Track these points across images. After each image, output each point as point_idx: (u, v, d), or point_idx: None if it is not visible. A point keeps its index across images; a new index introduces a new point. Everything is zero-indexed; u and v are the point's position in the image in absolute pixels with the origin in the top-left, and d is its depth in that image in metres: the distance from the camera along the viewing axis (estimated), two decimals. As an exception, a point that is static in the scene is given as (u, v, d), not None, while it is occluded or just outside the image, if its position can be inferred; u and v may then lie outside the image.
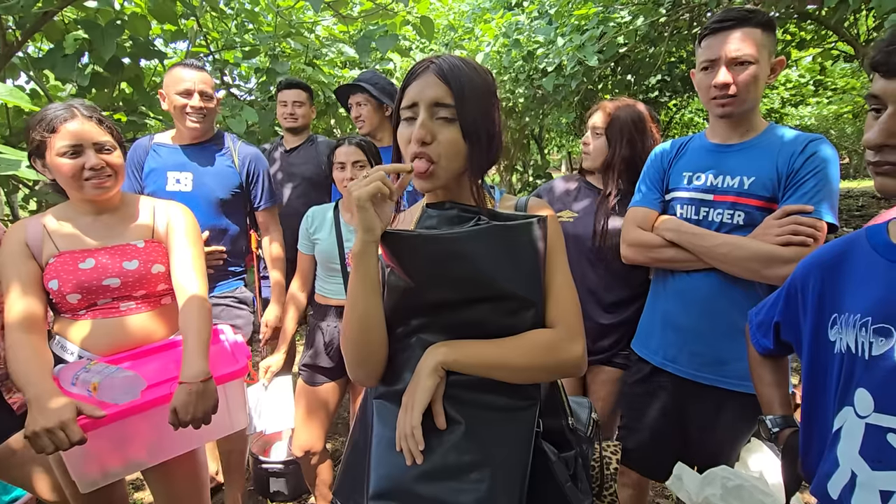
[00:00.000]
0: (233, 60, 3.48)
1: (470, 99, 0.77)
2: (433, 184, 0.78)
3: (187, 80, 1.72)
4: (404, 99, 0.78)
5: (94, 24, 2.31)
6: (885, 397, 0.67)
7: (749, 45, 1.19)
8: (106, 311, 1.26)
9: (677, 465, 1.12)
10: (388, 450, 0.76)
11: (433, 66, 0.77)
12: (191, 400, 1.11)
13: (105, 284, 1.23)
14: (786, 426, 0.93)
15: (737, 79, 1.20)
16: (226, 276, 1.89)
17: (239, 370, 1.27)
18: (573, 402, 0.99)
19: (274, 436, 2.19)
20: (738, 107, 1.24)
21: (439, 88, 0.76)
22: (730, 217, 1.26)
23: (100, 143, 1.22)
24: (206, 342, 1.22)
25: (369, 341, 0.79)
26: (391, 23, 2.89)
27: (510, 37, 4.55)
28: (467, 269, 0.73)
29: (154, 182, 1.79)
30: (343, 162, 1.68)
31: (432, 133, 0.76)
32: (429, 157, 0.76)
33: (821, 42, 5.34)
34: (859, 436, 0.70)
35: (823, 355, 0.78)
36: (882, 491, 0.66)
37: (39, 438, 0.99)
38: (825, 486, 0.74)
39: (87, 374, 1.10)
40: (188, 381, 1.13)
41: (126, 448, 1.19)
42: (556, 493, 0.82)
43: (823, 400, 0.78)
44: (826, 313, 0.78)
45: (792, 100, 9.79)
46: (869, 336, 0.69)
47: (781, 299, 0.91)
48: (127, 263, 1.26)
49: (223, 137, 1.91)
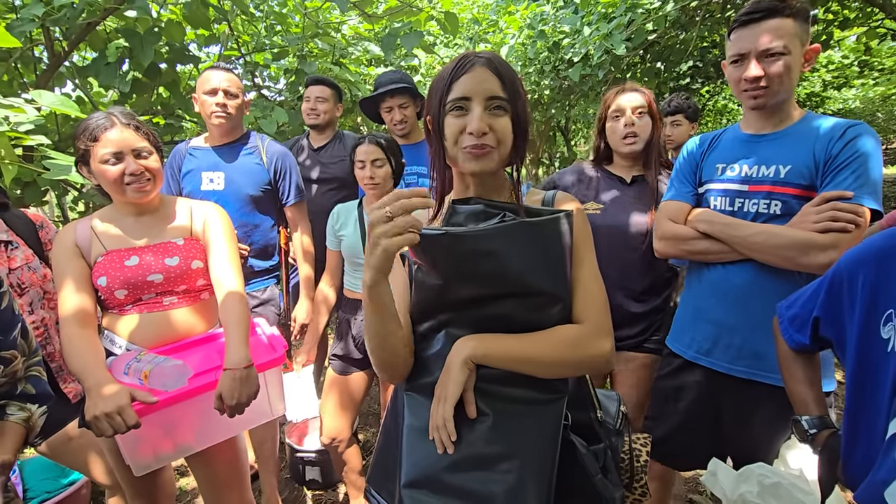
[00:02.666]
0: (262, 62, 3.57)
1: (518, 94, 0.80)
2: (488, 165, 0.80)
3: (213, 80, 1.80)
4: (453, 91, 0.79)
5: (134, 32, 2.41)
6: None
7: (780, 37, 1.16)
8: (150, 305, 1.32)
9: (712, 460, 1.09)
10: (418, 440, 0.78)
11: (482, 59, 0.79)
12: (235, 385, 1.18)
13: (149, 280, 1.30)
14: (823, 427, 0.89)
15: (768, 71, 1.18)
16: (257, 275, 1.96)
17: (278, 358, 1.33)
18: (601, 395, 0.99)
19: (307, 426, 2.26)
20: (771, 98, 1.21)
21: (494, 83, 0.78)
22: (766, 207, 1.22)
23: (138, 149, 1.28)
24: (247, 332, 1.28)
25: (393, 356, 0.81)
26: (416, 19, 2.91)
27: (535, 28, 4.49)
28: (494, 265, 0.74)
29: (190, 183, 1.88)
30: (363, 160, 1.71)
31: (490, 125, 0.78)
32: (489, 146, 0.79)
33: (866, 20, 5.05)
34: None
35: (874, 354, 0.74)
36: None
37: (99, 422, 1.06)
38: (881, 493, 0.70)
39: (139, 363, 1.18)
40: (232, 368, 1.20)
41: (175, 433, 1.26)
42: (586, 484, 0.82)
43: (874, 402, 0.74)
44: (879, 309, 0.74)
45: (835, 82, 9.30)
46: None
47: (823, 292, 0.87)
48: (168, 260, 1.32)
49: (251, 136, 1.98)
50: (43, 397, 1.11)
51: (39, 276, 1.48)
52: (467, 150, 0.79)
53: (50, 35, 2.38)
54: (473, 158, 0.79)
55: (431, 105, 0.83)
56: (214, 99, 1.80)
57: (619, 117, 1.62)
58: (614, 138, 1.64)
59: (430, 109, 0.83)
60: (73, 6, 2.14)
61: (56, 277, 1.28)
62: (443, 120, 0.80)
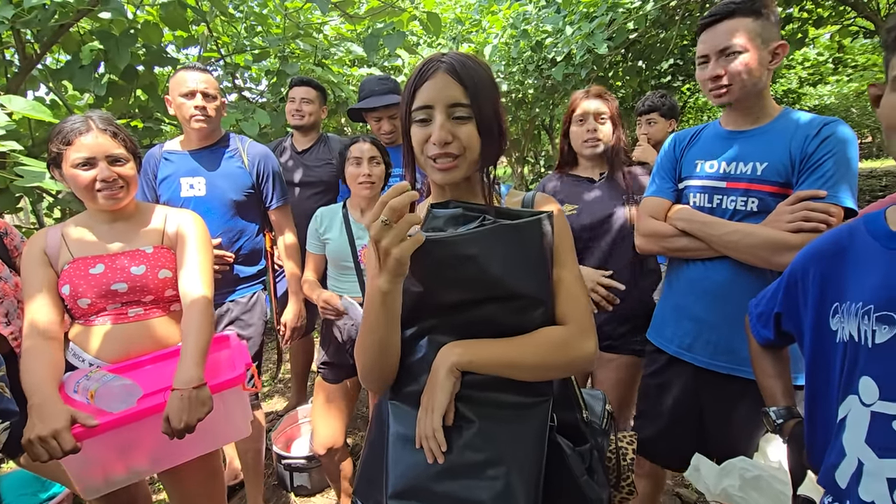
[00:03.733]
0: (243, 63, 3.52)
1: (483, 96, 0.79)
2: (456, 176, 0.80)
3: (189, 81, 1.75)
4: (416, 100, 0.78)
5: (109, 34, 2.36)
6: (891, 385, 0.67)
7: (737, 36, 1.19)
8: (115, 316, 1.28)
9: (695, 456, 1.11)
10: (404, 449, 0.77)
11: (443, 65, 0.77)
12: (183, 407, 1.10)
13: (113, 289, 1.26)
14: (790, 417, 0.92)
15: (727, 69, 1.21)
16: (243, 281, 1.92)
17: (235, 378, 1.25)
18: (587, 395, 1.00)
19: (295, 432, 2.24)
20: (734, 95, 1.24)
21: (454, 89, 0.77)
22: (743, 204, 1.24)
23: (113, 156, 1.25)
24: (203, 348, 1.22)
25: (386, 362, 0.81)
26: (398, 20, 2.89)
27: (518, 27, 4.51)
28: (475, 270, 0.74)
29: (168, 189, 1.83)
30: (359, 157, 1.70)
31: (452, 133, 0.77)
32: (452, 156, 0.78)
33: (839, 18, 5.17)
34: (865, 424, 0.69)
35: (826, 345, 0.77)
36: (889, 479, 0.66)
37: (33, 446, 1.00)
38: (833, 475, 0.74)
39: (88, 381, 1.12)
40: (180, 388, 1.13)
41: (128, 456, 1.19)
42: (572, 486, 0.82)
43: (827, 389, 0.78)
44: (827, 302, 0.77)
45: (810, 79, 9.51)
46: (872, 324, 0.69)
47: (781, 290, 0.91)
48: (135, 268, 1.29)
49: (231, 139, 1.93)
50: (5, 413, 1.05)
51: (11, 285, 1.44)
52: (434, 163, 0.78)
53: (21, 37, 2.31)
54: (439, 172, 0.79)
55: (401, 111, 0.83)
56: (193, 102, 1.75)
57: (582, 122, 1.67)
58: (577, 142, 1.70)
59: (401, 114, 0.83)
60: (45, 7, 2.08)
61: (23, 286, 1.24)
62: (409, 128, 0.80)
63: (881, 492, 0.66)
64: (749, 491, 0.98)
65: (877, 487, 0.67)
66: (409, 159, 0.85)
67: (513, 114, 5.87)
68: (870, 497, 0.68)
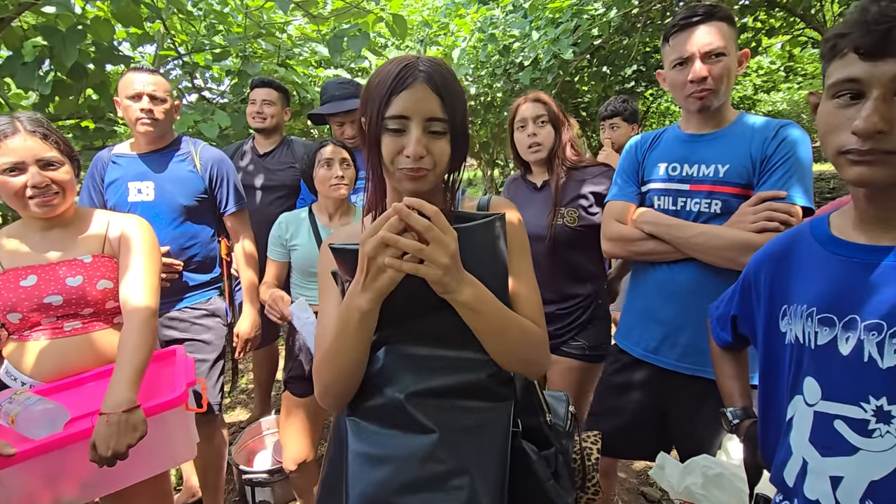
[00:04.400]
0: (203, 63, 3.40)
1: (458, 111, 0.77)
2: (423, 186, 0.78)
3: (136, 83, 1.66)
4: (391, 107, 0.74)
5: (54, 29, 2.23)
6: (831, 385, 0.69)
7: (720, 38, 1.20)
8: (51, 331, 1.20)
9: (660, 454, 1.13)
10: (364, 466, 0.75)
11: (423, 74, 0.75)
12: (111, 433, 1.02)
13: (47, 302, 1.18)
14: (745, 417, 0.94)
15: (712, 71, 1.22)
16: (197, 287, 1.84)
17: (174, 399, 1.16)
18: (549, 398, 0.99)
19: (257, 445, 2.16)
20: (715, 99, 1.25)
21: (433, 102, 0.75)
22: (707, 206, 1.27)
23: (44, 160, 1.17)
24: (139, 367, 1.14)
25: (351, 382, 0.78)
26: (363, 21, 2.85)
27: (486, 31, 4.53)
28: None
29: (115, 194, 1.74)
30: (331, 159, 1.66)
31: (427, 148, 0.75)
32: (424, 169, 0.76)
33: (790, 29, 5.44)
34: (809, 424, 0.71)
35: (776, 346, 0.79)
36: (832, 477, 0.68)
37: None
38: (781, 474, 0.76)
39: (11, 404, 1.04)
40: (108, 412, 1.04)
41: (56, 484, 1.10)
42: (538, 492, 0.82)
43: (777, 390, 0.79)
44: (777, 305, 0.79)
45: (764, 86, 9.97)
46: (814, 326, 0.71)
47: (737, 293, 0.93)
48: (70, 279, 1.20)
49: (183, 142, 1.85)
50: None
51: None
52: (404, 172, 0.76)
53: (-45, 31, 2.16)
54: (409, 180, 0.77)
55: (368, 111, 0.78)
56: (139, 104, 1.66)
57: (523, 128, 1.67)
58: (521, 148, 1.70)
59: (367, 116, 0.79)
60: (-18, 0, 1.95)
61: None
62: (380, 135, 0.77)
63: (825, 490, 0.68)
64: (711, 489, 1.00)
65: (820, 486, 0.69)
66: (375, 164, 0.81)
67: (482, 117, 5.90)
68: (814, 495, 0.70)
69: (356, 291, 0.71)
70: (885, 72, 0.60)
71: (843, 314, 0.68)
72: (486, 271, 0.76)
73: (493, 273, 0.78)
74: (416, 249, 0.65)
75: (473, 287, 0.73)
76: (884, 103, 0.60)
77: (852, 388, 0.66)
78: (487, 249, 0.78)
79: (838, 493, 0.67)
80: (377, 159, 0.79)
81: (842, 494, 0.67)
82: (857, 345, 0.66)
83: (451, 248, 0.67)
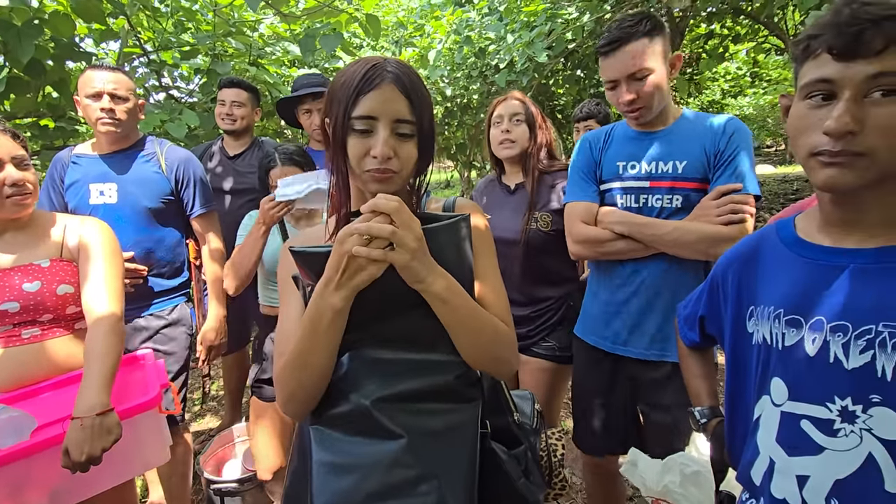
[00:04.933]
0: (171, 61, 3.30)
1: (425, 113, 0.77)
2: (391, 188, 0.77)
3: (96, 81, 1.60)
4: (358, 107, 0.73)
5: (9, 24, 2.13)
6: (798, 386, 0.70)
7: (640, 59, 1.24)
8: (6, 339, 1.15)
9: (631, 450, 1.13)
10: (329, 476, 0.73)
11: (390, 75, 0.73)
12: (84, 437, 0.99)
13: (2, 310, 1.13)
14: (713, 416, 0.96)
15: (640, 92, 1.27)
16: (164, 293, 1.79)
17: (148, 402, 1.15)
18: (516, 397, 0.99)
19: (227, 453, 2.10)
20: (649, 114, 1.31)
21: (401, 104, 0.74)
22: (668, 201, 1.31)
23: (18, 158, 1.13)
24: (110, 370, 1.11)
25: (318, 387, 0.76)
26: (336, 21, 2.81)
27: (461, 34, 4.55)
28: (393, 278, 0.70)
29: (76, 196, 1.67)
30: None
31: (395, 150, 0.74)
32: (391, 172, 0.75)
33: (755, 36, 5.63)
34: (776, 423, 0.72)
35: (743, 347, 0.80)
36: (798, 476, 0.68)
37: None
38: (749, 473, 0.77)
39: None
40: (81, 416, 1.02)
41: (23, 494, 1.07)
42: (511, 491, 0.82)
43: (744, 390, 0.80)
44: (744, 306, 0.80)
45: (731, 91, 10.30)
46: (781, 327, 0.72)
47: (705, 293, 0.94)
48: (27, 285, 1.16)
49: (148, 142, 1.79)
50: None
51: None
52: (370, 173, 0.75)
53: None
54: (376, 181, 0.76)
55: (334, 111, 0.76)
56: (99, 104, 1.60)
57: (498, 124, 1.67)
58: (494, 144, 1.70)
59: (332, 116, 0.77)
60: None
61: None
62: (346, 136, 0.75)
63: (791, 489, 0.69)
64: (688, 486, 1.00)
65: (787, 485, 0.70)
66: (340, 165, 0.79)
67: (458, 119, 5.91)
68: (781, 494, 0.70)
69: (329, 290, 0.70)
70: (856, 73, 0.61)
71: (810, 316, 0.69)
72: (452, 272, 0.76)
73: (459, 274, 0.77)
74: (387, 232, 0.65)
75: (445, 278, 0.73)
76: (854, 104, 0.61)
77: (818, 388, 0.67)
78: (452, 250, 0.78)
79: (805, 492, 0.68)
80: (342, 160, 0.78)
81: (808, 493, 0.67)
82: (824, 346, 0.66)
83: (417, 232, 0.68)
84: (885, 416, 0.62)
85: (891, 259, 0.64)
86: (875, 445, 0.63)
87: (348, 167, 0.78)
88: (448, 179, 14.43)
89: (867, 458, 0.63)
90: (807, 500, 0.67)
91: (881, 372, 0.62)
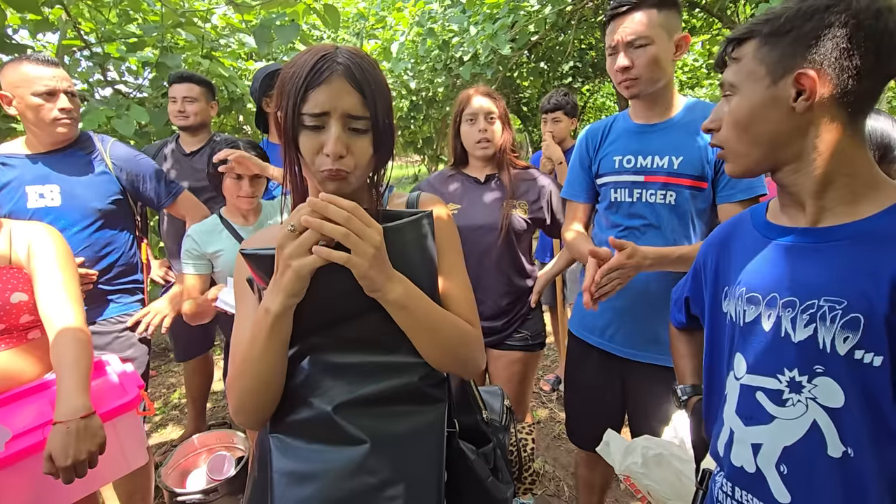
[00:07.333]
0: (117, 54, 3.11)
1: (381, 106, 0.72)
2: (347, 188, 0.73)
3: (46, 78, 1.48)
4: (308, 102, 0.69)
5: (-73, 12, 1.95)
6: (755, 360, 0.74)
7: (643, 27, 1.21)
8: None
9: (607, 431, 1.16)
10: (290, 485, 0.69)
11: (341, 67, 0.69)
12: (70, 441, 0.97)
13: None
14: (694, 394, 0.99)
15: (636, 61, 1.23)
16: (117, 295, 1.69)
17: (129, 402, 1.13)
18: (484, 393, 0.98)
19: (190, 464, 2.02)
20: (644, 87, 1.27)
21: (353, 98, 0.69)
22: (662, 197, 1.30)
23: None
24: (85, 376, 1.07)
25: (270, 395, 0.72)
26: (293, 11, 2.72)
27: (424, 26, 4.49)
28: (350, 280, 0.67)
29: (10, 199, 1.54)
30: (241, 174, 1.58)
31: (347, 147, 0.70)
32: (344, 171, 0.71)
33: (709, 28, 5.80)
34: (735, 396, 0.76)
35: (718, 325, 0.84)
36: (753, 444, 0.73)
37: None
38: (716, 445, 0.81)
39: None
40: (65, 420, 0.98)
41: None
42: (479, 490, 0.81)
43: (719, 366, 0.84)
44: (720, 287, 0.84)
45: (689, 82, 10.62)
46: (744, 305, 0.76)
47: (690, 276, 0.98)
48: None
49: (90, 139, 1.68)
50: None
51: None
52: (324, 174, 0.71)
53: None
54: (330, 181, 0.72)
55: (284, 105, 0.71)
56: (57, 103, 1.49)
57: (473, 121, 1.66)
58: (469, 142, 1.68)
59: (283, 110, 0.72)
60: None
61: None
62: (297, 131, 0.71)
63: (747, 457, 0.73)
64: (651, 468, 1.05)
65: (744, 453, 0.74)
66: (293, 161, 0.75)
67: (424, 112, 5.85)
68: (739, 462, 0.75)
69: (269, 295, 0.66)
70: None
71: (766, 293, 0.72)
72: (417, 270, 0.73)
73: (424, 272, 0.75)
74: (341, 235, 0.62)
75: (402, 284, 0.69)
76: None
77: (772, 361, 0.71)
78: (416, 248, 0.75)
79: (758, 459, 0.72)
80: (295, 156, 0.74)
81: (761, 460, 0.72)
82: (777, 321, 0.70)
83: (376, 240, 0.64)
84: (828, 385, 0.66)
85: (835, 237, 0.68)
86: (819, 413, 0.66)
87: (302, 163, 0.74)
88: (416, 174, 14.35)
89: (812, 425, 0.67)
90: (760, 467, 0.72)
91: (822, 344, 0.65)
